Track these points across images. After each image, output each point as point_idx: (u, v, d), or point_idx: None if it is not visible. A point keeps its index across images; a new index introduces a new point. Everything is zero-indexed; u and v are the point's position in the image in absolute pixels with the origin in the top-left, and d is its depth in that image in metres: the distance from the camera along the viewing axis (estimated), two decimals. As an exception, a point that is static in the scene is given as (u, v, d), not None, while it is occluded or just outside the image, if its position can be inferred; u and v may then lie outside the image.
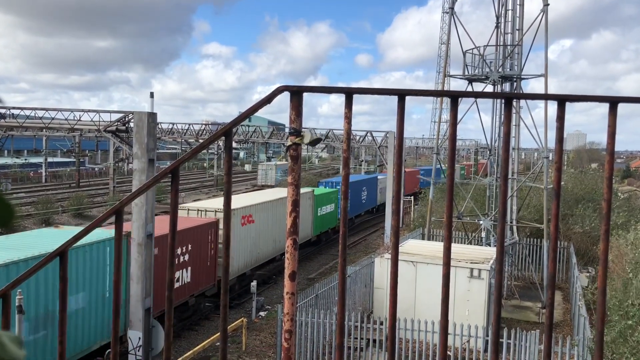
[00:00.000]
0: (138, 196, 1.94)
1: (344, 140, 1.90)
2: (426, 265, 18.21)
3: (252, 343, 19.28)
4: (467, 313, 17.51)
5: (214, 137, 1.89)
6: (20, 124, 49.32)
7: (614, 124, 1.76)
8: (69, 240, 1.93)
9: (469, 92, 1.99)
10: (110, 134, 46.54)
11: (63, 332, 2.01)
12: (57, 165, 76.76)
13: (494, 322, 1.88)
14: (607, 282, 2.33)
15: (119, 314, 1.97)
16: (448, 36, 25.31)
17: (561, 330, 20.22)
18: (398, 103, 1.84)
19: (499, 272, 1.88)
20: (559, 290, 25.84)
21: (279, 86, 1.84)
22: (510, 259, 25.37)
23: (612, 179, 1.80)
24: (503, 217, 1.92)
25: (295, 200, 1.91)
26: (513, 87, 23.90)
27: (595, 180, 38.33)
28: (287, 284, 1.93)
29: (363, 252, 33.89)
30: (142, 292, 14.61)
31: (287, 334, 1.93)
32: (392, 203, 2.03)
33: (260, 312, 22.62)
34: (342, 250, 1.88)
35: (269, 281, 27.57)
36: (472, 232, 27.67)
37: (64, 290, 1.99)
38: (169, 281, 1.98)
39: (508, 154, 1.89)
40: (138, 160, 14.22)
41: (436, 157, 26.50)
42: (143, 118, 14.19)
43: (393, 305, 1.90)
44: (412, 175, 60.26)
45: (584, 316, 15.34)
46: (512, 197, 24.85)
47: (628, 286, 14.33)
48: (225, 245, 1.90)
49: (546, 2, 23.24)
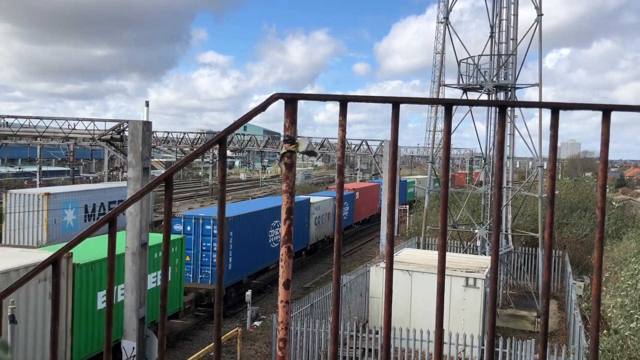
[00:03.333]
0: (131, 204, 1.93)
1: (338, 148, 1.89)
2: (421, 274, 18.19)
3: (247, 353, 19.16)
4: (462, 322, 17.48)
5: (207, 144, 1.88)
6: (14, 132, 49.17)
7: (607, 132, 1.77)
8: (61, 248, 1.91)
9: (462, 100, 1.99)
10: (105, 142, 46.46)
11: (55, 342, 1.99)
12: (51, 174, 76.46)
13: (489, 331, 1.87)
14: (604, 290, 2.33)
15: (111, 323, 1.95)
16: (443, 46, 25.47)
17: (557, 339, 20.20)
18: (392, 111, 1.84)
19: (494, 280, 1.88)
20: (555, 299, 25.84)
21: (273, 94, 1.84)
22: (506, 268, 25.38)
23: (606, 186, 1.80)
24: (497, 225, 1.92)
25: (290, 208, 1.90)
26: (507, 96, 24.02)
27: (589, 188, 38.50)
28: (282, 292, 1.92)
29: (358, 260, 33.82)
30: (136, 301, 14.52)
31: (281, 342, 1.91)
32: (387, 211, 2.02)
33: (255, 322, 22.51)
34: (336, 259, 1.88)
35: (264, 290, 27.46)
36: (468, 241, 27.69)
37: (56, 299, 1.98)
38: (162, 290, 1.96)
39: (502, 162, 1.89)
40: (133, 168, 14.18)
41: (431, 166, 26.57)
42: (138, 127, 14.17)
43: (388, 314, 1.89)
44: (371, 191, 49.85)
45: (580, 325, 15.35)
46: (507, 205, 24.91)
47: (629, 294, 14.36)
48: (220, 253, 1.88)
49: (540, 12, 23.44)
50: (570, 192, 37.51)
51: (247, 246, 25.15)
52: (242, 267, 24.97)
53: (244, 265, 25.08)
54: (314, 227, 34.47)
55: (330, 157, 62.71)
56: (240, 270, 24.88)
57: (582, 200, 34.71)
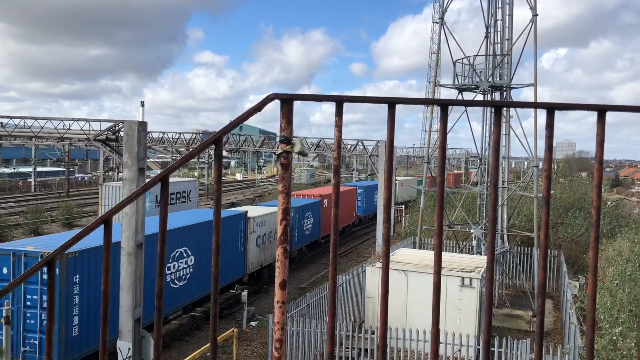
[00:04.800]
0: (127, 205, 1.93)
1: (334, 149, 1.90)
2: (417, 274, 18.21)
3: (242, 353, 19.15)
4: (458, 322, 17.51)
5: (203, 145, 1.88)
6: (9, 132, 49.00)
7: (602, 132, 1.77)
8: (57, 248, 1.91)
9: (458, 101, 2.00)
10: (100, 143, 46.36)
11: (50, 342, 1.99)
12: (46, 175, 76.23)
13: (485, 331, 1.88)
14: (597, 290, 2.34)
15: (107, 323, 1.94)
16: (438, 46, 25.51)
17: (552, 339, 20.26)
18: (388, 111, 1.85)
19: (490, 280, 1.88)
20: (550, 298, 25.92)
21: (269, 94, 1.84)
22: (501, 268, 25.44)
23: (602, 186, 1.81)
24: (493, 225, 1.92)
25: (286, 209, 1.90)
26: (503, 96, 24.08)
27: (585, 188, 38.66)
28: (278, 292, 1.92)
29: (355, 261, 33.85)
30: (132, 302, 14.49)
31: (278, 343, 1.91)
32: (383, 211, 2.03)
33: (251, 322, 22.49)
34: (332, 259, 1.88)
35: (260, 291, 27.43)
36: (464, 241, 27.74)
37: (51, 299, 1.97)
38: (159, 290, 1.96)
39: (498, 162, 1.90)
40: (128, 169, 14.15)
41: (427, 166, 26.62)
42: (133, 127, 14.14)
43: (384, 314, 1.89)
44: (346, 197, 42.41)
45: (575, 324, 15.40)
46: (503, 205, 24.97)
47: (617, 294, 14.43)
48: (216, 254, 1.88)
49: (535, 13, 23.51)
50: (566, 192, 37.64)
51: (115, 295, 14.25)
52: (91, 336, 15.24)
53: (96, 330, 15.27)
54: (255, 249, 26.48)
55: (326, 158, 62.78)
56: (89, 340, 15.21)
57: (577, 200, 34.84)
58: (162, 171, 1.88)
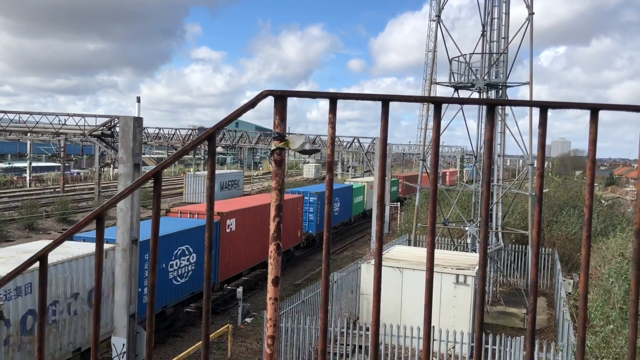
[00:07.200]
0: (120, 200, 1.93)
1: (328, 145, 1.89)
2: (412, 271, 18.24)
3: (237, 350, 19.15)
4: (453, 319, 17.56)
5: (197, 141, 1.87)
6: (3, 127, 48.73)
7: (595, 130, 1.78)
8: (48, 245, 1.90)
9: (451, 99, 2.00)
10: (96, 138, 46.17)
11: (42, 338, 1.98)
12: (41, 170, 75.92)
13: (477, 328, 1.88)
14: (590, 288, 2.35)
15: (99, 319, 1.94)
16: (435, 44, 25.52)
17: (546, 336, 20.34)
18: (382, 108, 1.85)
19: (482, 278, 1.89)
20: (544, 296, 26.02)
21: (263, 91, 1.84)
22: (496, 265, 25.52)
23: (594, 185, 1.82)
24: (486, 223, 1.93)
25: (279, 205, 1.90)
26: (499, 94, 24.12)
27: (579, 186, 38.78)
28: (270, 289, 1.92)
29: (350, 257, 33.88)
30: (126, 298, 14.47)
31: (270, 339, 1.92)
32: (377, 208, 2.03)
33: (246, 319, 22.50)
34: (325, 256, 1.88)
35: (255, 287, 27.45)
36: (458, 238, 27.81)
37: (43, 295, 1.97)
38: (151, 286, 1.96)
39: (491, 160, 1.90)
40: (123, 164, 14.12)
41: (422, 163, 26.66)
42: (129, 122, 14.10)
43: (377, 311, 1.89)
44: (293, 205, 31.37)
45: (568, 321, 15.46)
46: (498, 203, 25.03)
47: (610, 292, 14.49)
48: (208, 250, 1.88)
49: (531, 11, 23.53)
50: (560, 190, 37.74)
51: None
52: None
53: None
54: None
55: (322, 154, 62.90)
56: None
57: (571, 198, 34.95)
58: (155, 167, 1.88)
